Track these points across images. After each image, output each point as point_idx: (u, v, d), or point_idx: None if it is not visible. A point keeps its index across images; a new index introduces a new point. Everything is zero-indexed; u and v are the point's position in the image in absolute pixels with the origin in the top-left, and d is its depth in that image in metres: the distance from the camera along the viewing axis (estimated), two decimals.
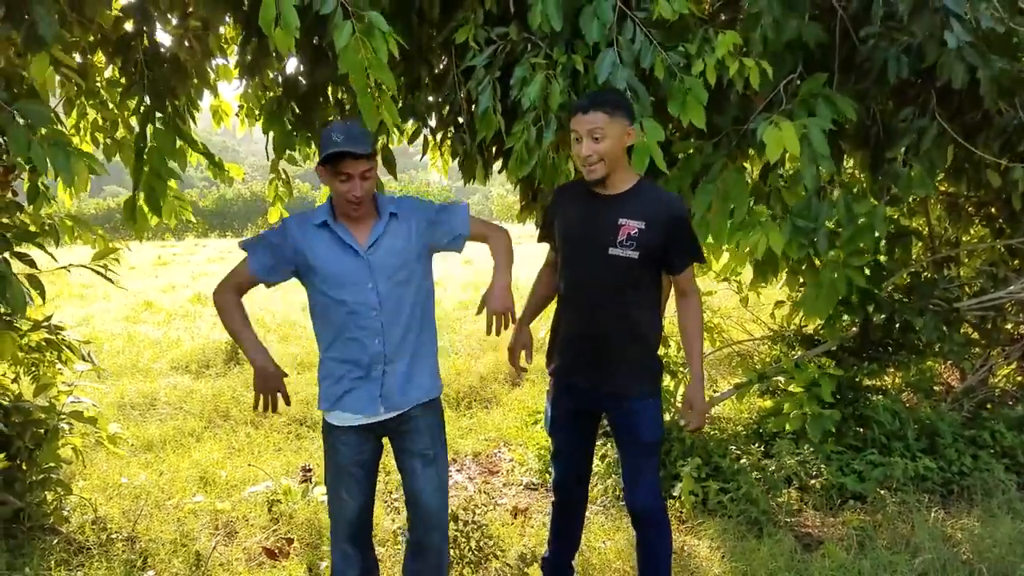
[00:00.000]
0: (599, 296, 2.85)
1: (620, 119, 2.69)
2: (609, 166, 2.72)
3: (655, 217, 2.74)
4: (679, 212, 2.80)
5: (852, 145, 3.94)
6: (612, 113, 2.67)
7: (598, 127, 2.66)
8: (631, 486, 3.01)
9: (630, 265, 2.77)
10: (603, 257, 2.78)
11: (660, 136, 3.06)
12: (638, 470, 2.98)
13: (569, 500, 3.27)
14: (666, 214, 2.76)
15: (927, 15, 3.13)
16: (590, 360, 2.93)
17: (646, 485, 2.98)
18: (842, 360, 4.98)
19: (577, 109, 2.72)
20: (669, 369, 4.99)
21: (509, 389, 6.79)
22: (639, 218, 2.74)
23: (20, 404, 4.01)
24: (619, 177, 2.78)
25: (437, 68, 3.96)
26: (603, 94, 2.79)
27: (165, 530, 4.02)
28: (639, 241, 2.74)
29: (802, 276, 4.29)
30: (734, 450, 4.59)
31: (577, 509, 3.31)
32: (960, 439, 4.58)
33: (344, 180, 2.57)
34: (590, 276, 2.86)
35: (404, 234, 2.74)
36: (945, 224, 5.79)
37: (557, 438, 3.20)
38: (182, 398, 6.43)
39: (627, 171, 2.83)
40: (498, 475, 5.01)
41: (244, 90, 4.63)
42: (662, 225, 2.75)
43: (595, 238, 2.80)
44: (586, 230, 2.84)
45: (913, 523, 3.89)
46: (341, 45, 2.65)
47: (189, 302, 10.89)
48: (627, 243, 2.74)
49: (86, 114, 4.61)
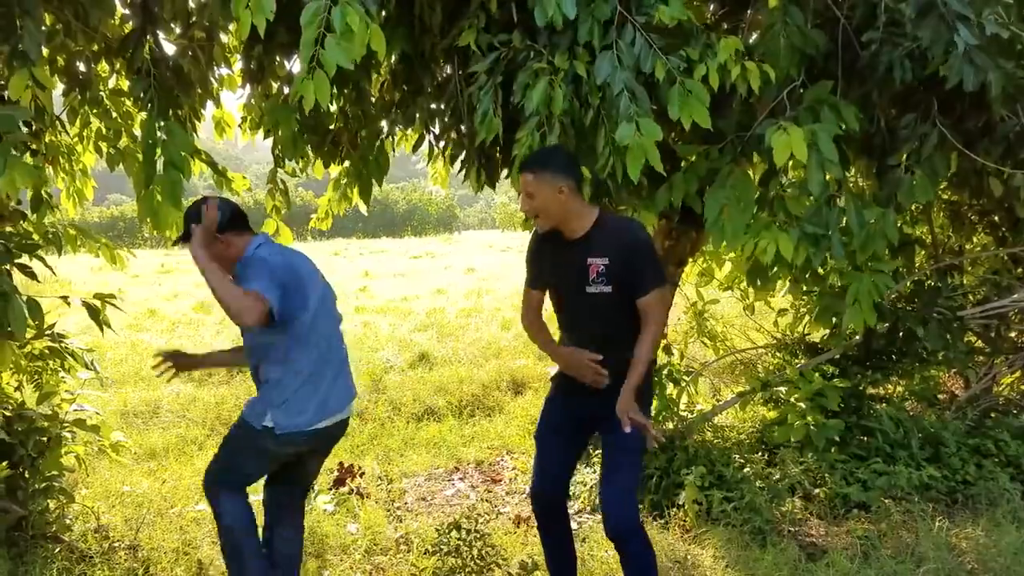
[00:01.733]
0: (591, 332, 2.98)
1: (548, 177, 2.83)
2: (550, 219, 2.89)
3: (617, 249, 2.86)
4: (636, 236, 2.90)
5: (856, 152, 3.94)
6: (537, 174, 2.84)
7: (527, 187, 2.86)
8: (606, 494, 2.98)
9: (608, 299, 2.89)
10: (583, 296, 2.91)
11: (657, 136, 3.06)
12: (617, 477, 2.97)
13: (547, 509, 3.23)
14: (624, 242, 2.87)
15: (933, 20, 3.13)
16: (589, 388, 3.00)
17: (620, 494, 2.95)
18: (846, 369, 4.97)
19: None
20: (672, 377, 4.97)
21: (512, 397, 6.79)
22: (603, 254, 2.87)
23: (23, 412, 4.00)
24: (576, 222, 2.91)
25: (439, 76, 3.97)
26: (536, 154, 3.00)
27: (167, 538, 4.01)
28: (608, 275, 2.87)
29: (806, 284, 4.29)
30: (738, 459, 4.58)
31: (558, 512, 3.25)
32: (964, 448, 4.56)
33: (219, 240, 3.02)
34: (578, 315, 3.02)
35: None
36: (948, 232, 5.78)
37: (544, 440, 3.21)
38: (185, 406, 6.43)
39: (583, 214, 2.92)
40: (501, 483, 5.00)
41: (247, 100, 4.64)
42: (624, 255, 2.86)
43: (572, 281, 2.94)
44: (562, 275, 3.00)
45: (918, 532, 3.87)
46: (305, 21, 2.60)
47: (192, 310, 10.91)
48: (599, 280, 2.87)
49: (90, 123, 4.62)
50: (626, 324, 2.92)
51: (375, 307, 11.23)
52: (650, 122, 3.05)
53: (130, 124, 4.60)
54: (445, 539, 3.83)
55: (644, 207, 3.64)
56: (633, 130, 3.02)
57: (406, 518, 4.40)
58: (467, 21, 3.32)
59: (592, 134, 3.21)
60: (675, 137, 3.82)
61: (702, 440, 4.84)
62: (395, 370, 7.59)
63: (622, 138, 3.03)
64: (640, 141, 3.03)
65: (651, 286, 2.87)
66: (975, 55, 3.08)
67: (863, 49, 3.42)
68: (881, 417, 4.68)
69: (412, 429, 6.01)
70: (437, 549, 3.80)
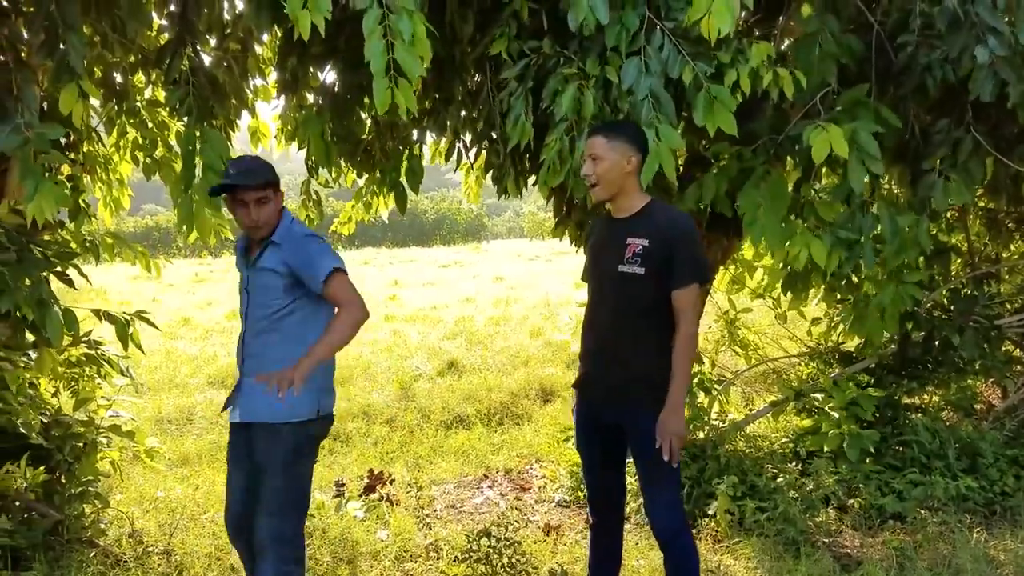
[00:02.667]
0: (612, 313, 2.94)
1: (620, 145, 2.83)
2: (607, 188, 2.88)
3: (659, 233, 2.83)
4: (684, 227, 2.86)
5: (890, 160, 3.90)
6: (611, 139, 2.83)
7: (596, 150, 2.84)
8: (647, 504, 3.00)
9: (638, 281, 2.84)
10: (614, 275, 2.89)
11: (676, 144, 3.06)
12: (650, 486, 2.98)
13: (601, 517, 3.23)
14: (670, 229, 2.83)
15: (963, 31, 3.11)
16: (603, 375, 3.01)
17: (656, 501, 2.97)
18: (880, 378, 4.91)
19: (587, 133, 2.92)
20: (703, 386, 4.94)
21: (541, 405, 6.78)
22: (644, 235, 2.84)
23: (60, 418, 4.08)
24: (628, 200, 2.92)
25: (471, 84, 3.99)
26: (611, 122, 3.02)
27: (200, 543, 4.05)
28: (644, 257, 2.83)
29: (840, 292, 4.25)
30: (771, 468, 4.53)
31: (611, 526, 3.26)
32: (1002, 458, 4.48)
33: (240, 207, 2.89)
34: (604, 294, 2.98)
35: (274, 263, 2.92)
36: (985, 240, 5.70)
37: (582, 453, 3.24)
38: (218, 412, 6.50)
39: (636, 195, 2.93)
40: (530, 492, 4.99)
41: (282, 111, 4.70)
42: (666, 239, 2.82)
43: (608, 258, 2.93)
44: (601, 251, 3.01)
45: (955, 544, 3.80)
46: (368, 29, 2.63)
47: (225, 318, 11.02)
48: (633, 260, 2.84)
49: (126, 133, 4.70)
50: (643, 314, 2.88)
51: (404, 316, 11.28)
52: (670, 129, 3.04)
53: (166, 134, 4.68)
54: (475, 546, 3.83)
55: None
56: (652, 137, 3.01)
57: (435, 525, 4.41)
58: (498, 29, 3.33)
59: None
60: (706, 142, 3.80)
61: (734, 449, 4.80)
62: (424, 378, 7.61)
63: None
64: (656, 148, 3.02)
65: (689, 279, 2.81)
66: (999, 66, 3.06)
67: (897, 54, 3.39)
68: (917, 427, 4.61)
69: (441, 437, 6.02)
70: (467, 556, 3.80)
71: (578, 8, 2.99)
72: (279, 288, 2.90)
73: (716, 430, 4.89)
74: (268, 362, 2.88)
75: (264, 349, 2.94)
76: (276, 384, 2.60)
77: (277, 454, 2.89)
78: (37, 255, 3.30)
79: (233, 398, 3.04)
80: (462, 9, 3.46)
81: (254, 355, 2.97)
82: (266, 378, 2.64)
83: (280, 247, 2.91)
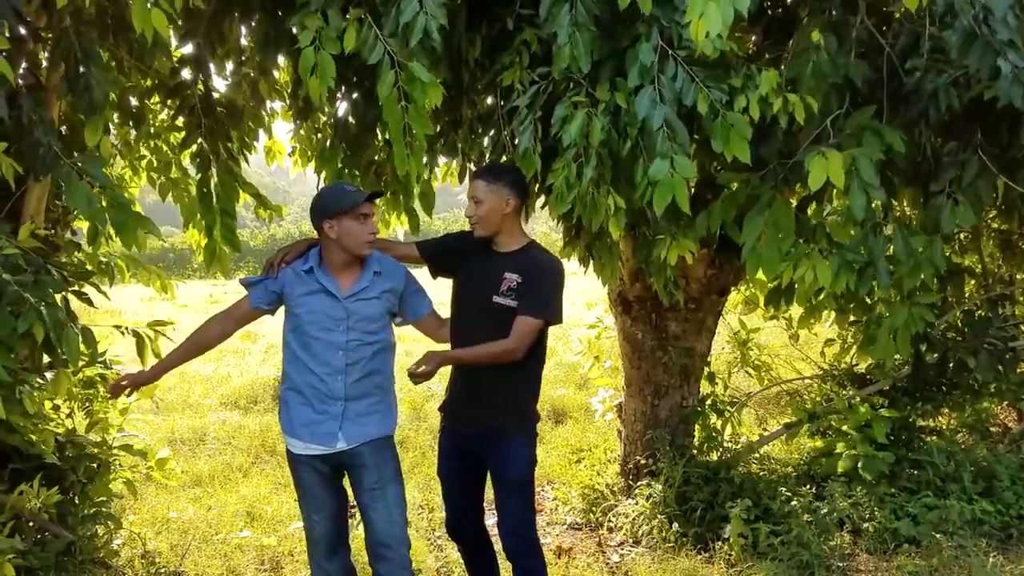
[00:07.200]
0: (479, 341, 3.03)
1: (499, 189, 3.02)
2: (487, 228, 3.06)
3: (530, 271, 3.02)
4: (552, 270, 3.05)
5: (903, 181, 3.90)
6: (491, 183, 3.02)
7: (477, 193, 3.03)
8: (501, 524, 3.14)
9: (509, 313, 2.99)
10: (486, 305, 3.03)
11: (689, 174, 3.06)
12: (503, 508, 3.14)
13: (462, 543, 3.41)
14: (538, 267, 3.03)
15: (979, 47, 3.11)
16: (465, 401, 3.17)
17: (509, 523, 3.12)
18: (895, 400, 4.87)
19: (470, 176, 3.17)
20: (715, 408, 4.92)
21: (553, 426, 6.76)
22: (518, 272, 3.02)
23: (74, 438, 4.09)
24: (508, 238, 3.11)
25: (481, 108, 4.01)
26: (493, 166, 3.26)
27: (212, 565, 4.06)
28: (516, 292, 3.00)
29: (852, 314, 4.23)
30: (784, 491, 4.49)
31: (477, 552, 3.40)
32: (1018, 482, 4.45)
33: (363, 221, 2.90)
34: (475, 323, 3.10)
35: (379, 291, 3.04)
36: (998, 261, 5.66)
37: (441, 479, 3.36)
38: (231, 433, 6.51)
39: (517, 233, 3.13)
40: (542, 514, 4.97)
41: (296, 132, 4.75)
42: (534, 275, 3.01)
43: (483, 288, 3.07)
44: (476, 280, 3.13)
45: (970, 568, 3.77)
46: (384, 95, 2.86)
47: (238, 339, 11.04)
48: (508, 293, 3.01)
49: (141, 156, 4.74)
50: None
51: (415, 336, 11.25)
52: (684, 160, 3.04)
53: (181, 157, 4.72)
54: None
55: (683, 234, 3.63)
56: (667, 167, 3.02)
57: (446, 548, 4.39)
58: (508, 58, 3.36)
59: (630, 165, 3.22)
60: (717, 166, 3.81)
61: (748, 472, 4.77)
62: (435, 398, 7.60)
63: (654, 174, 3.02)
64: (670, 179, 3.03)
65: (536, 312, 2.96)
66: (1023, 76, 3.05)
67: (907, 77, 3.40)
68: (932, 450, 4.58)
69: None
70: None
71: (560, 58, 3.07)
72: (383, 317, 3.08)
73: (729, 452, 4.86)
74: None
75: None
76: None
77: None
78: (55, 275, 3.33)
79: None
80: (469, 33, 3.50)
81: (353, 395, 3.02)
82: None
83: (381, 275, 3.04)
